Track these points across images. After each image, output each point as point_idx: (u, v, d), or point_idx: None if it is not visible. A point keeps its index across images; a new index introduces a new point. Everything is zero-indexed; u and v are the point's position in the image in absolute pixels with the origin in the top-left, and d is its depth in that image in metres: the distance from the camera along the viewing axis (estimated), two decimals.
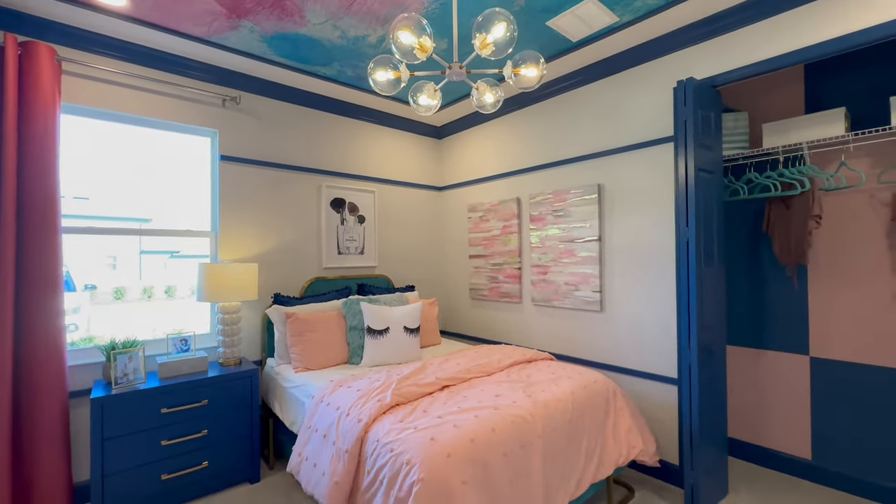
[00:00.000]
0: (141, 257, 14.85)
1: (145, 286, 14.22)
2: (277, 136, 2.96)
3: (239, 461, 2.35)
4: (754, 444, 2.59)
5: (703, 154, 2.15)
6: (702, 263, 2.12)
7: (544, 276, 3.00)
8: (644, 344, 2.46)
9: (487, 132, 3.47)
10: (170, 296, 15.09)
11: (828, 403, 2.33)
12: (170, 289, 15.20)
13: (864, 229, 2.22)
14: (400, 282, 3.65)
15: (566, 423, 1.84)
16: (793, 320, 2.45)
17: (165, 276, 11.22)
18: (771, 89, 2.54)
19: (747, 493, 2.26)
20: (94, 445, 1.94)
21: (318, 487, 1.69)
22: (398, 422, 1.66)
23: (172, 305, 2.37)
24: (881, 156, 2.16)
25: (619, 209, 2.58)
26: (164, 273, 14.69)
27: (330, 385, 2.06)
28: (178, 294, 14.71)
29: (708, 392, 2.15)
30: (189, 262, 2.43)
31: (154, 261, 11.27)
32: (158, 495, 2.10)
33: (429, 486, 1.34)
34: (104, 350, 2.18)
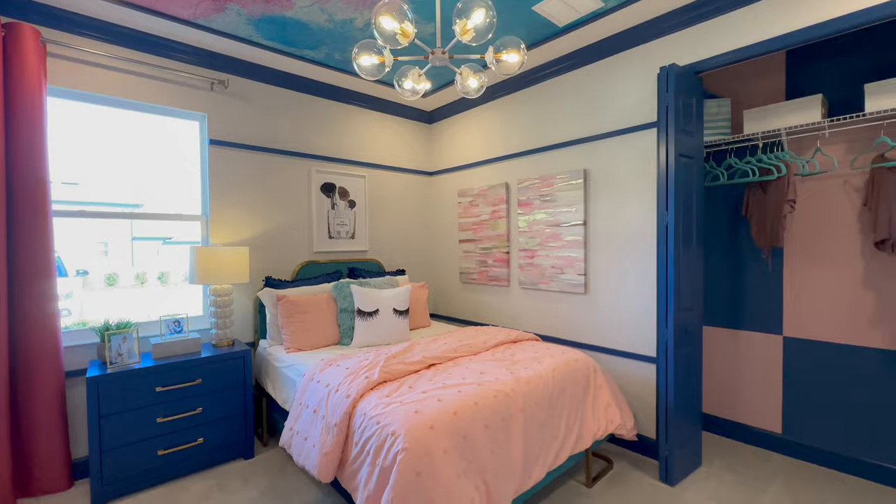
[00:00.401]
0: (133, 244, 14.67)
1: (138, 272, 14.10)
2: (267, 120, 2.96)
3: (233, 438, 2.43)
4: (728, 419, 2.71)
5: (683, 140, 2.21)
6: (680, 247, 2.19)
7: (531, 259, 3.06)
8: (626, 325, 2.54)
9: (477, 117, 3.49)
10: (163, 282, 14.98)
11: (798, 380, 2.45)
12: (163, 275, 15.09)
13: (837, 213, 2.29)
14: (391, 266, 3.71)
15: (547, 398, 1.92)
16: (767, 302, 2.55)
17: (158, 263, 11.16)
18: (754, 76, 2.58)
19: (720, 465, 2.38)
20: (91, 422, 2.00)
21: (309, 459, 1.77)
22: (385, 397, 1.73)
23: (166, 291, 2.38)
24: (855, 142, 2.22)
25: (604, 194, 2.64)
26: (157, 259, 14.57)
27: (320, 364, 2.13)
28: (171, 280, 14.64)
29: (684, 370, 2.25)
30: (182, 249, 2.43)
31: (147, 247, 11.21)
32: (156, 469, 2.18)
33: (412, 455, 1.42)
34: (98, 331, 2.23)
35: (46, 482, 2.14)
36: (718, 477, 2.26)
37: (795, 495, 2.08)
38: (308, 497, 2.11)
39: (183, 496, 2.12)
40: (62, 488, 2.18)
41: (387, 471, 1.45)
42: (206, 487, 2.19)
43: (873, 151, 2.10)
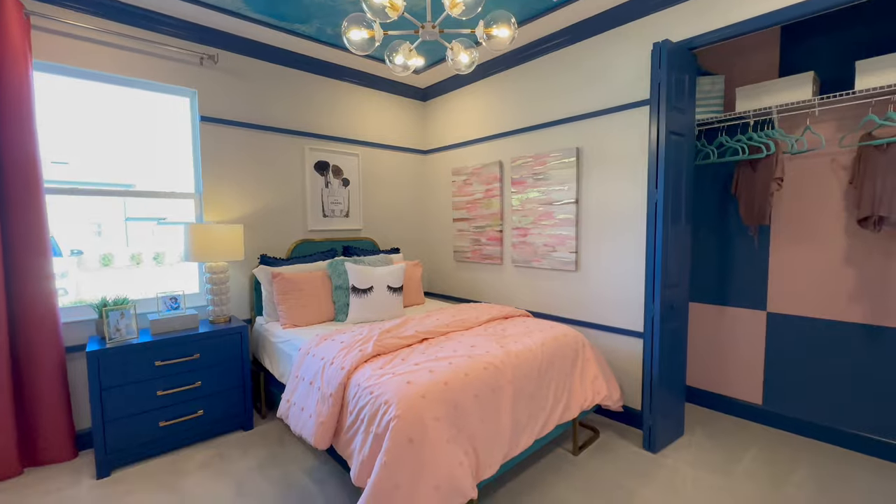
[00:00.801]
0: (126, 224, 14.78)
1: (133, 253, 14.17)
2: (258, 96, 2.93)
3: (232, 410, 2.50)
4: (711, 391, 2.81)
5: (675, 117, 2.21)
6: (668, 225, 2.23)
7: (524, 238, 3.10)
8: (615, 301, 2.60)
9: (471, 95, 3.46)
10: (158, 262, 15.05)
11: (780, 354, 2.53)
12: (158, 255, 15.17)
13: (824, 192, 2.33)
14: (385, 244, 3.73)
15: (535, 370, 1.99)
16: (753, 278, 2.61)
17: (153, 243, 11.15)
18: (748, 52, 2.57)
19: (701, 434, 2.49)
20: (93, 394, 2.05)
21: (306, 428, 1.84)
22: (378, 369, 1.79)
23: (162, 272, 2.38)
24: (845, 120, 2.24)
25: (597, 172, 2.65)
26: (151, 240, 14.60)
27: (316, 339, 2.18)
28: (166, 261, 14.66)
29: (669, 344, 2.32)
30: (177, 229, 2.43)
31: (141, 228, 11.20)
32: (158, 440, 2.25)
33: (404, 422, 1.48)
34: (96, 307, 2.26)
35: (51, 452, 2.21)
36: (699, 445, 2.36)
37: (770, 462, 2.19)
38: (306, 465, 2.19)
39: (186, 464, 2.20)
40: (67, 458, 2.26)
41: (380, 437, 1.51)
42: (207, 457, 2.28)
43: (861, 129, 2.12)
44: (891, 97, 1.97)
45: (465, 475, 1.52)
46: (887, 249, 2.15)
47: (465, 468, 1.54)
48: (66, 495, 1.96)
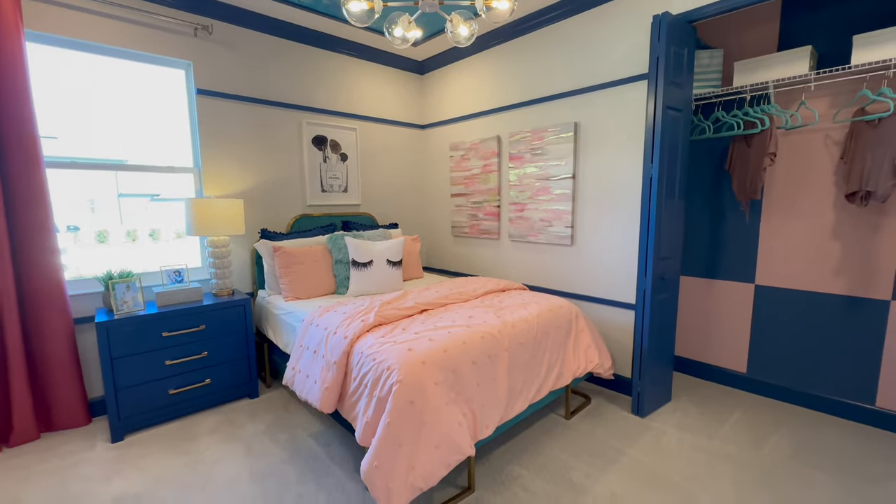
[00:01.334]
0: (119, 200, 14.99)
1: (128, 229, 14.27)
2: (255, 69, 2.90)
3: (238, 379, 2.59)
4: (698, 360, 2.93)
5: (672, 92, 2.22)
6: (663, 199, 2.27)
7: (521, 213, 3.14)
8: (609, 274, 2.68)
9: (469, 68, 3.43)
10: (154, 238, 15.24)
11: (765, 324, 2.63)
12: (154, 232, 15.32)
13: (816, 167, 2.37)
14: (384, 220, 3.77)
15: (531, 339, 2.08)
16: (743, 252, 2.68)
17: (148, 219, 11.12)
18: (748, 25, 2.56)
19: (687, 400, 2.61)
20: (104, 363, 2.13)
21: (311, 394, 1.93)
22: (380, 338, 1.87)
23: (157, 248, 2.39)
24: (840, 95, 2.26)
25: (594, 147, 2.67)
26: (145, 216, 14.76)
27: (318, 310, 2.25)
28: (162, 237, 14.82)
29: (659, 315, 2.40)
30: (171, 205, 2.40)
31: (134, 204, 11.10)
32: (168, 407, 2.34)
33: (406, 386, 1.57)
34: (102, 280, 2.31)
35: (66, 418, 2.31)
36: (684, 410, 2.49)
37: (751, 425, 2.32)
38: (311, 429, 2.30)
39: (196, 429, 2.30)
40: (81, 424, 2.35)
41: (383, 400, 1.60)
42: (216, 422, 2.38)
43: (855, 105, 2.15)
44: (885, 72, 1.99)
45: (463, 435, 1.61)
46: (872, 224, 2.21)
47: (464, 429, 1.64)
48: (85, 457, 2.06)
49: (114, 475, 1.92)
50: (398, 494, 1.48)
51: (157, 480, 1.89)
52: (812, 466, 1.94)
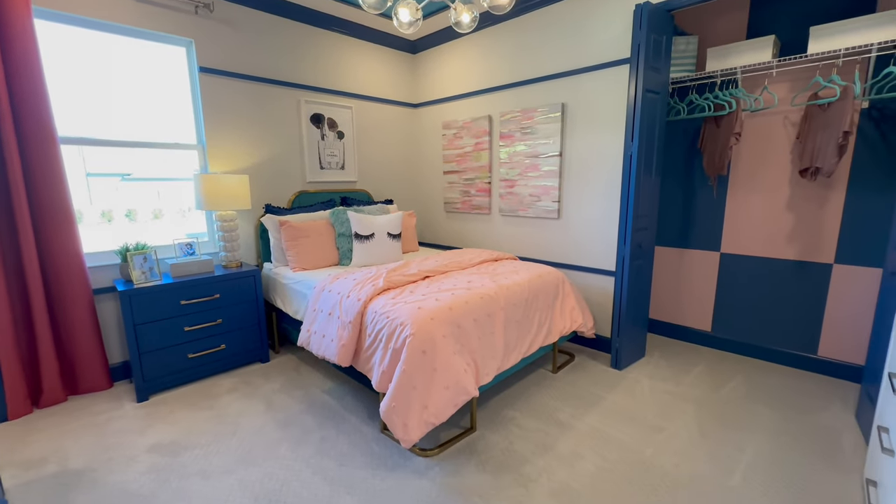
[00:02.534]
0: (88, 180, 14.45)
1: (103, 209, 13.83)
2: (254, 47, 2.96)
3: (251, 345, 2.78)
4: (669, 322, 3.26)
5: (651, 76, 2.44)
6: (641, 175, 2.52)
7: (511, 189, 3.35)
8: (592, 245, 2.93)
9: (461, 48, 3.55)
10: (131, 219, 14.78)
11: (728, 288, 2.95)
12: (130, 212, 14.86)
13: (775, 146, 2.65)
14: (379, 196, 3.93)
15: (523, 301, 2.32)
16: (711, 224, 2.97)
17: (121, 200, 10.84)
18: (721, 14, 2.77)
19: (658, 355, 2.94)
20: (128, 329, 2.28)
21: (329, 351, 2.14)
22: (390, 299, 2.07)
23: (135, 229, 2.37)
24: (797, 81, 2.52)
25: (580, 126, 2.88)
26: (116, 196, 14.28)
27: (329, 278, 2.43)
28: (139, 218, 14.38)
29: (636, 280, 2.68)
30: (146, 185, 2.39)
31: (103, 184, 10.75)
32: (188, 370, 2.52)
33: (418, 338, 1.79)
34: (119, 253, 2.43)
35: (90, 382, 2.46)
36: (656, 363, 2.81)
37: (712, 374, 2.65)
38: (324, 386, 2.52)
39: (215, 389, 2.49)
40: (104, 387, 2.51)
41: (398, 352, 1.82)
42: (233, 383, 2.57)
43: (809, 90, 2.41)
44: (835, 61, 2.25)
45: (468, 379, 1.86)
46: (820, 197, 2.51)
47: (469, 374, 1.88)
48: (115, 415, 2.23)
49: (147, 428, 2.11)
50: (414, 429, 1.72)
51: (188, 431, 2.08)
52: (760, 404, 2.28)
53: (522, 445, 1.94)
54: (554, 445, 1.94)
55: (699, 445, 1.93)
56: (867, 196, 2.37)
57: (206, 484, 1.71)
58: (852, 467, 1.77)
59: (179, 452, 1.91)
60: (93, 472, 1.78)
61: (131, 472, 1.78)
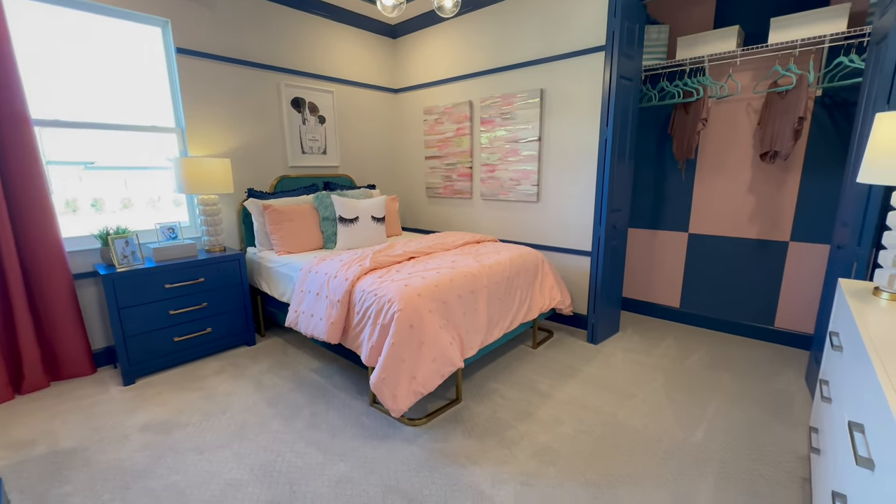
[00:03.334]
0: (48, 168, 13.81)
1: (67, 199, 13.27)
2: (233, 29, 2.92)
3: (236, 328, 2.80)
4: (641, 300, 3.44)
5: (625, 63, 2.55)
6: (615, 159, 2.64)
7: (492, 173, 3.44)
8: (570, 226, 3.06)
9: (441, 34, 3.58)
10: (98, 209, 14.29)
11: (695, 266, 3.14)
12: (97, 202, 14.32)
13: (739, 131, 2.81)
14: (361, 181, 3.95)
15: (505, 279, 2.43)
16: (680, 206, 3.14)
17: (85, 189, 10.41)
18: (690, 4, 2.90)
19: (631, 331, 3.11)
20: (112, 313, 2.27)
21: (318, 329, 2.20)
22: (377, 278, 2.14)
23: (102, 219, 2.28)
24: (759, 70, 2.67)
25: (558, 112, 2.98)
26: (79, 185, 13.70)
27: (315, 260, 2.47)
28: (106, 207, 13.86)
29: (610, 259, 2.83)
30: (112, 174, 2.30)
31: (65, 172, 10.28)
32: (174, 353, 2.53)
33: (405, 314, 1.87)
34: (99, 237, 2.40)
35: (72, 367, 2.44)
36: (628, 338, 2.98)
37: (680, 346, 2.84)
38: (312, 365, 2.58)
39: (203, 371, 2.52)
40: (87, 373, 2.49)
41: (386, 327, 1.90)
42: (220, 365, 2.60)
43: (769, 78, 2.57)
44: (793, 51, 2.41)
45: (454, 351, 1.96)
46: (778, 179, 2.70)
47: (454, 347, 1.98)
48: (102, 398, 2.24)
49: (136, 409, 2.13)
50: (403, 398, 1.81)
51: (179, 411, 2.11)
52: (722, 371, 2.47)
53: (505, 413, 2.06)
54: (535, 413, 2.07)
55: (666, 408, 2.09)
56: (819, 178, 2.56)
57: (201, 458, 1.76)
58: (800, 421, 1.97)
59: (172, 430, 1.95)
60: (85, 451, 1.80)
61: (125, 450, 1.81)
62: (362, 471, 1.68)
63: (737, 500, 1.51)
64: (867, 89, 1.96)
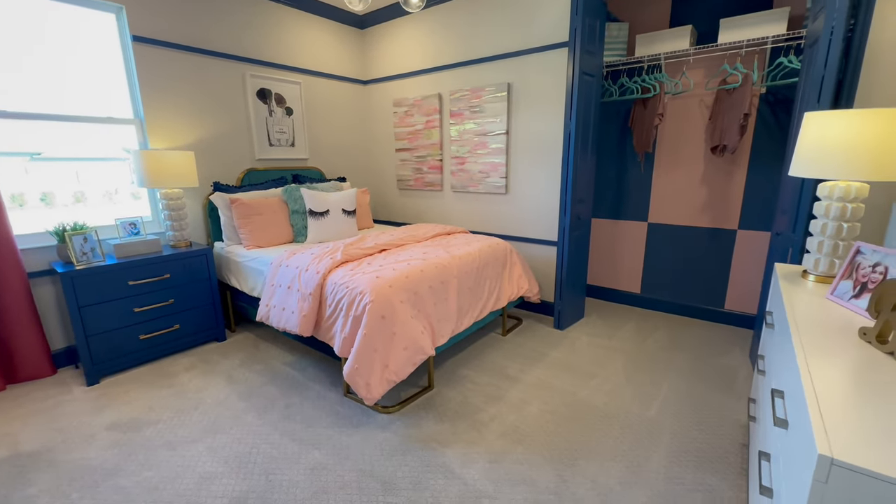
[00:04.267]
0: None
1: (13, 193, 12.33)
2: (194, 17, 2.83)
3: (206, 324, 2.76)
4: (605, 287, 3.62)
5: (587, 59, 2.65)
6: (579, 151, 2.75)
7: (462, 166, 3.50)
8: (537, 217, 3.16)
9: (409, 26, 3.58)
10: (47, 203, 13.35)
11: (654, 254, 3.32)
12: (46, 196, 13.40)
13: (692, 125, 2.98)
14: (331, 174, 3.92)
15: (474, 269, 2.50)
16: (640, 196, 3.30)
17: (32, 182, 9.77)
18: (648, 3, 3.02)
19: (595, 316, 3.27)
20: (72, 311, 2.20)
21: (290, 322, 2.21)
22: (349, 271, 2.17)
23: (53, 214, 2.15)
24: (710, 68, 2.83)
25: (524, 106, 3.06)
26: (26, 178, 12.71)
27: (285, 253, 2.47)
28: (57, 202, 12.97)
29: (575, 248, 2.96)
30: (62, 166, 2.14)
31: (6, 164, 9.61)
32: (141, 351, 2.48)
33: (377, 305, 1.92)
34: (55, 233, 2.31)
35: (30, 370, 2.36)
36: (593, 323, 3.14)
37: (640, 329, 3.01)
38: (285, 359, 2.59)
39: (172, 368, 2.48)
40: (46, 374, 2.41)
41: (358, 318, 1.94)
42: (190, 362, 2.57)
43: (719, 76, 2.73)
44: (739, 51, 2.57)
45: (425, 340, 2.02)
46: (727, 171, 2.89)
47: (426, 336, 2.04)
48: (64, 399, 2.18)
49: (103, 408, 2.09)
50: (376, 387, 1.86)
51: (148, 408, 2.09)
52: (676, 352, 2.65)
53: (476, 398, 2.15)
54: (504, 396, 2.17)
55: (625, 387, 2.24)
56: (763, 170, 2.76)
57: (173, 454, 1.76)
58: (743, 393, 2.15)
59: (141, 428, 1.93)
60: (49, 453, 1.77)
61: (92, 449, 1.79)
62: (337, 457, 1.73)
63: (685, 467, 1.66)
64: (802, 89, 2.13)
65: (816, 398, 0.80)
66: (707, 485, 1.57)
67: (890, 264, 1.21)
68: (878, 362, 0.94)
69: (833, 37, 1.77)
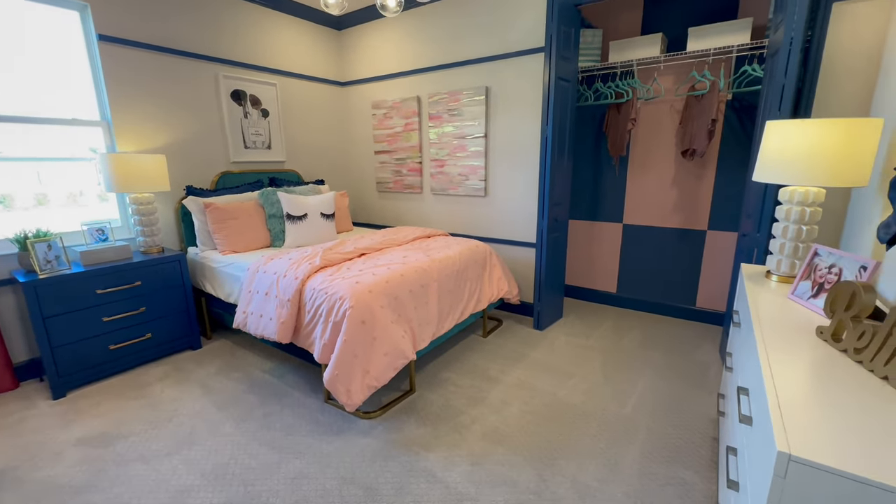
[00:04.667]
0: None
1: None
2: (163, 16, 2.75)
3: (179, 332, 2.69)
4: (582, 287, 3.69)
5: (562, 65, 2.70)
6: (556, 155, 2.80)
7: (441, 168, 3.51)
8: (516, 220, 3.21)
9: (387, 27, 3.57)
10: (6, 206, 12.64)
11: (629, 254, 3.41)
12: (4, 198, 12.68)
13: (663, 130, 3.08)
14: (309, 176, 3.87)
15: (455, 272, 2.52)
16: (615, 198, 3.39)
17: None
18: (621, 10, 3.11)
19: (573, 316, 3.34)
20: (36, 322, 2.11)
21: (268, 329, 2.17)
22: (328, 276, 2.15)
23: (12, 217, 2.01)
24: (680, 74, 2.93)
25: (502, 110, 3.10)
26: None
27: (263, 259, 2.43)
28: (16, 205, 12.27)
29: (553, 250, 3.01)
30: (20, 167, 2.02)
31: None
32: (111, 362, 2.39)
33: (357, 310, 1.91)
34: (16, 241, 2.20)
35: None
36: (571, 323, 3.20)
37: (617, 328, 3.09)
38: (264, 366, 2.54)
39: (145, 378, 2.41)
40: (8, 388, 2.30)
41: (338, 324, 1.93)
42: (163, 371, 2.49)
43: (688, 83, 2.83)
44: (706, 59, 2.67)
45: (406, 344, 2.03)
46: (697, 174, 3.00)
47: (406, 340, 2.05)
48: (29, 414, 2.08)
49: (70, 423, 2.01)
50: (357, 393, 1.86)
51: (119, 421, 2.02)
52: (651, 349, 2.74)
53: (457, 400, 2.17)
54: (485, 398, 2.19)
55: (602, 385, 2.30)
56: (730, 173, 2.88)
57: (147, 467, 1.71)
58: (713, 388, 2.24)
59: (112, 442, 1.87)
60: (15, 471, 1.69)
61: (60, 466, 1.72)
62: (318, 465, 1.71)
63: (659, 462, 1.72)
64: (765, 96, 2.23)
65: (777, 396, 0.84)
66: (680, 478, 1.63)
67: (844, 266, 1.28)
68: (834, 360, 1.00)
69: (792, 47, 1.86)
